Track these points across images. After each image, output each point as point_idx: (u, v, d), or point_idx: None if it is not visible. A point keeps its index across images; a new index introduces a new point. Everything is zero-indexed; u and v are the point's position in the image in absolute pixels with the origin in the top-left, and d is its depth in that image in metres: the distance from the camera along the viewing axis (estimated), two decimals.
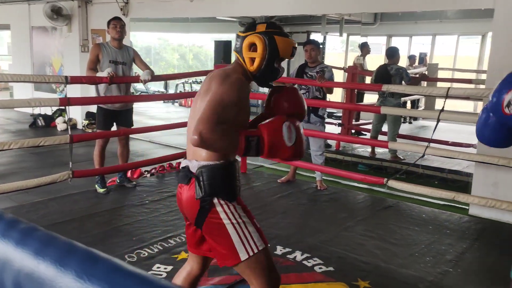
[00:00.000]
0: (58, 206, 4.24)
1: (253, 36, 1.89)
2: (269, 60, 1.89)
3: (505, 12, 4.18)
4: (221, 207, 1.86)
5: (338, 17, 7.74)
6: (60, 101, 4.34)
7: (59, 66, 8.99)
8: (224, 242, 1.86)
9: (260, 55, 1.87)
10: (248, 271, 1.88)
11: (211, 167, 1.85)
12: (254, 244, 1.87)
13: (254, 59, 1.89)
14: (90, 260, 0.81)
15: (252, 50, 1.90)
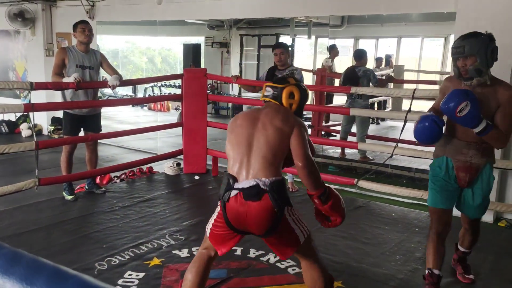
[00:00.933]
0: (24, 215, 4.12)
1: (291, 87, 2.49)
2: (302, 103, 2.54)
3: (466, 15, 4.31)
4: (288, 213, 2.32)
5: (306, 20, 7.83)
6: (24, 107, 4.22)
7: (23, 70, 8.74)
8: (290, 237, 2.33)
9: (298, 101, 2.51)
10: (305, 250, 2.45)
11: (279, 182, 2.29)
12: (307, 229, 2.42)
13: (292, 104, 2.49)
14: (59, 278, 0.78)
15: (291, 98, 2.48)
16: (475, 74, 2.55)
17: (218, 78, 8.29)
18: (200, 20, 9.29)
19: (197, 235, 3.75)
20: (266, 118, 2.39)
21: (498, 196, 4.39)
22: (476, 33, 2.66)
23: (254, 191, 2.23)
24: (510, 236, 4.11)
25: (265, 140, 2.32)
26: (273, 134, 2.33)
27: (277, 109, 2.45)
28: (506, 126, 2.59)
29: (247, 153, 2.32)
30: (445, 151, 2.78)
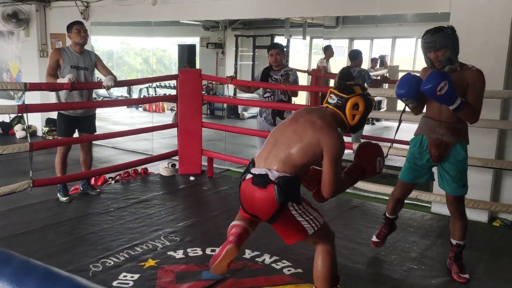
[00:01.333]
0: (18, 217, 4.09)
1: (357, 97, 2.47)
2: (365, 115, 2.51)
3: (460, 16, 4.33)
4: (292, 207, 2.38)
5: (301, 21, 7.83)
6: (18, 108, 4.19)
7: (17, 71, 8.70)
8: (295, 227, 2.44)
9: (361, 113, 2.49)
10: (315, 239, 2.55)
11: (288, 179, 2.32)
12: (317, 221, 2.48)
13: (355, 115, 2.48)
14: (49, 279, 0.77)
15: (355, 109, 2.47)
16: (447, 63, 2.94)
17: (213, 79, 8.28)
18: (195, 21, 9.28)
19: (192, 236, 3.74)
20: (310, 118, 2.41)
21: (492, 196, 4.42)
22: (442, 28, 3.01)
23: (262, 179, 2.33)
24: (505, 235, 4.13)
25: (293, 137, 2.37)
26: (306, 136, 2.35)
27: (327, 118, 2.42)
28: (476, 102, 2.96)
29: (274, 145, 2.41)
30: (421, 130, 3.18)
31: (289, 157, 2.33)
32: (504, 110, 4.30)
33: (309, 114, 2.46)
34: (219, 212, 4.40)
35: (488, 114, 4.18)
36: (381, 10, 5.19)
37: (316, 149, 2.33)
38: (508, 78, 4.23)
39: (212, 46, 10.28)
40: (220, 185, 5.37)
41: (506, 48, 4.14)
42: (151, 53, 11.08)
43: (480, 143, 4.31)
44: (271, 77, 4.97)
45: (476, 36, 4.22)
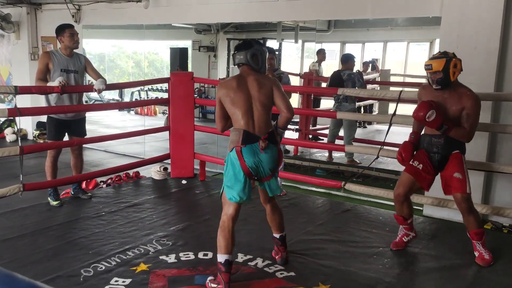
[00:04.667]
0: (8, 221, 4.05)
1: (455, 59, 3.28)
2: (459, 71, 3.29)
3: (451, 20, 4.36)
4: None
5: (293, 24, 7.85)
6: (8, 112, 4.15)
7: (7, 75, 8.62)
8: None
9: (459, 70, 3.29)
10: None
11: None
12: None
13: (455, 72, 3.27)
14: None
15: (454, 67, 3.24)
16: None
17: (205, 81, 8.27)
18: (187, 24, 9.26)
19: (184, 240, 3.72)
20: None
21: (483, 199, 4.44)
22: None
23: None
24: (496, 238, 4.15)
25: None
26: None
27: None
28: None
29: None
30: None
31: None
32: (495, 113, 4.33)
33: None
34: (212, 216, 4.38)
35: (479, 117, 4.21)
36: (372, 14, 5.21)
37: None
38: (498, 82, 4.27)
39: (204, 49, 10.28)
40: (213, 188, 5.35)
41: (496, 52, 4.18)
42: (143, 56, 11.06)
43: (471, 146, 4.34)
44: None
45: (467, 40, 4.26)
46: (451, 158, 3.43)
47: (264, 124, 2.98)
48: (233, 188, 2.95)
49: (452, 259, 3.55)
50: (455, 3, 4.33)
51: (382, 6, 5.00)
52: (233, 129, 3.02)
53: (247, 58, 3.04)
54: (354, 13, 5.33)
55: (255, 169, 2.93)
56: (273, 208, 3.30)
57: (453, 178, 3.39)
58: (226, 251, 2.90)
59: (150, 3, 6.59)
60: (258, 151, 2.92)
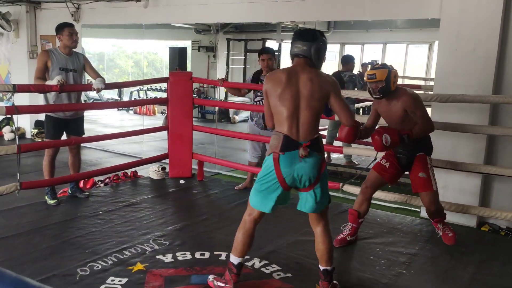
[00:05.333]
0: (4, 220, 4.04)
1: (394, 70, 3.52)
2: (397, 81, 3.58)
3: (450, 22, 4.37)
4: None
5: (292, 25, 7.85)
6: (6, 110, 4.14)
7: (6, 73, 8.61)
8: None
9: (397, 80, 3.59)
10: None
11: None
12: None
13: (395, 82, 3.52)
14: None
15: (394, 77, 3.52)
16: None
17: (204, 82, 8.26)
18: (187, 24, 9.26)
19: (181, 240, 3.72)
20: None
21: (481, 201, 4.44)
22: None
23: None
24: (493, 240, 4.15)
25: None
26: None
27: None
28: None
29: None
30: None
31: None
32: (493, 115, 4.33)
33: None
34: (209, 216, 4.38)
35: (477, 120, 4.22)
36: (371, 15, 5.21)
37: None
38: (497, 84, 4.27)
39: (203, 49, 10.28)
40: (210, 188, 5.35)
41: (495, 55, 4.18)
42: (142, 56, 11.05)
43: (469, 148, 4.35)
44: (261, 81, 4.96)
45: (466, 43, 4.26)
46: (416, 160, 3.60)
47: (310, 129, 2.66)
48: (261, 195, 2.72)
49: (449, 261, 3.56)
50: (454, 5, 4.33)
51: (381, 7, 5.00)
52: (274, 132, 2.72)
53: (311, 51, 2.69)
54: (354, 14, 5.33)
55: (291, 179, 2.66)
56: (321, 234, 2.86)
57: (418, 178, 3.57)
58: (241, 253, 2.79)
59: (149, 2, 6.59)
60: (297, 160, 2.63)
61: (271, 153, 2.69)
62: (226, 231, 3.93)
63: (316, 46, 2.70)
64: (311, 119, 2.66)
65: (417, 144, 3.58)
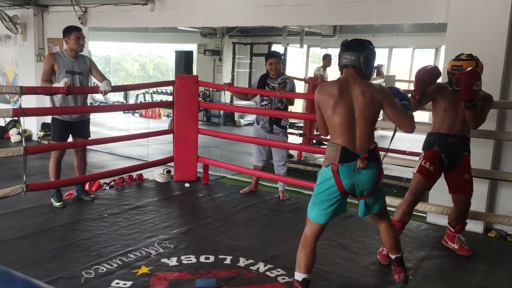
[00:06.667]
0: (10, 222, 4.05)
1: (481, 63, 3.42)
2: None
3: (457, 26, 4.35)
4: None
5: (298, 29, 7.85)
6: (13, 112, 4.16)
7: (13, 75, 8.67)
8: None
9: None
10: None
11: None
12: None
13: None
14: None
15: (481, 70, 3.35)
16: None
17: (209, 85, 8.28)
18: (193, 27, 9.29)
19: (186, 243, 3.71)
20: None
21: (488, 207, 4.41)
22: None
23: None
24: (500, 246, 4.12)
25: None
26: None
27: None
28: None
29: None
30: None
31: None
32: (500, 120, 4.30)
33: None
34: (214, 220, 4.37)
35: (484, 125, 4.18)
36: (377, 20, 5.21)
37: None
38: (504, 89, 4.25)
39: (209, 53, 10.29)
40: (215, 192, 5.34)
41: (502, 59, 4.16)
42: (148, 59, 11.08)
43: (476, 153, 4.31)
44: (268, 85, 4.96)
45: (473, 47, 4.23)
46: (462, 159, 3.50)
47: (366, 140, 2.69)
48: (320, 207, 2.73)
49: (456, 267, 3.53)
50: (461, 10, 4.32)
51: (387, 12, 4.99)
52: (330, 144, 2.73)
53: (360, 61, 2.70)
54: (360, 18, 5.33)
55: (351, 189, 2.69)
56: (386, 228, 3.00)
57: (463, 179, 3.49)
58: (306, 270, 2.75)
59: (156, 6, 6.62)
60: (356, 170, 2.65)
61: (328, 165, 2.69)
62: (231, 234, 3.92)
63: (364, 55, 2.72)
64: (366, 130, 2.69)
65: (465, 143, 3.50)
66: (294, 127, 7.78)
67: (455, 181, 3.51)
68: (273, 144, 5.00)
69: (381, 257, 3.48)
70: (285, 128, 5.08)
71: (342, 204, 2.75)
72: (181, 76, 6.23)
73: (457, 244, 3.72)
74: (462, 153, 3.50)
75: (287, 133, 5.18)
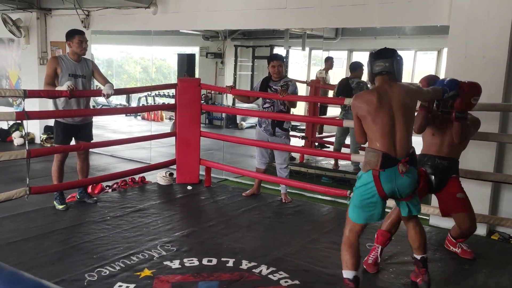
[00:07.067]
0: (13, 225, 4.06)
1: None
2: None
3: (459, 29, 4.35)
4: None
5: (300, 32, 7.86)
6: (16, 115, 4.17)
7: (16, 79, 8.70)
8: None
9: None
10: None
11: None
12: None
13: None
14: None
15: None
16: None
17: (212, 88, 8.29)
18: (195, 30, 9.31)
19: (189, 246, 3.71)
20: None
21: (491, 209, 4.40)
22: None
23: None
24: (503, 249, 4.11)
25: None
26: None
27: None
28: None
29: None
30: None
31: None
32: (503, 123, 4.30)
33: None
34: (216, 222, 4.37)
35: (487, 127, 4.19)
36: (380, 22, 5.21)
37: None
38: (507, 92, 4.24)
39: (211, 55, 10.31)
40: (218, 194, 5.34)
41: (505, 62, 4.16)
42: (151, 62, 11.12)
43: (479, 156, 4.31)
44: (270, 88, 4.97)
45: (475, 49, 4.24)
46: (450, 181, 3.50)
47: (406, 145, 2.77)
48: (361, 210, 2.81)
49: (458, 270, 3.52)
50: (463, 12, 4.32)
51: (389, 14, 5.00)
52: (370, 149, 2.80)
53: (393, 66, 2.82)
54: (362, 21, 5.33)
55: (391, 193, 2.76)
56: (415, 226, 3.03)
57: (456, 199, 3.47)
58: (354, 267, 2.80)
59: (158, 9, 6.64)
60: (397, 175, 2.71)
61: (369, 170, 2.75)
62: (233, 237, 3.92)
63: (396, 61, 2.84)
64: (406, 134, 2.77)
65: (453, 165, 3.52)
66: (296, 130, 7.79)
67: (448, 202, 3.52)
68: (276, 146, 5.00)
69: (367, 266, 3.41)
70: (288, 131, 5.08)
71: (382, 206, 2.82)
72: (183, 79, 6.26)
73: (459, 249, 3.71)
74: (450, 175, 3.51)
75: (290, 135, 5.18)
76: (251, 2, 5.98)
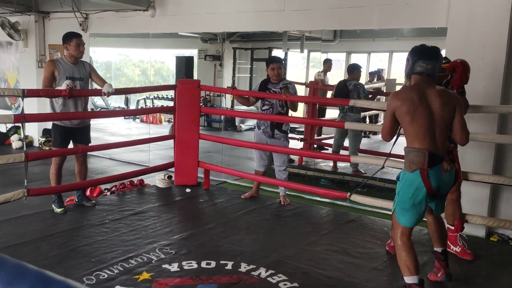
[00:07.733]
0: (11, 228, 4.05)
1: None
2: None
3: (457, 31, 4.36)
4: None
5: (299, 34, 7.87)
6: (14, 118, 4.17)
7: (14, 82, 8.69)
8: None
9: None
10: None
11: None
12: None
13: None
14: (43, 283, 0.75)
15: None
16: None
17: (212, 89, 8.29)
18: (193, 33, 9.32)
19: (187, 249, 3.70)
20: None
21: (490, 211, 4.40)
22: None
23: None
24: (502, 250, 4.10)
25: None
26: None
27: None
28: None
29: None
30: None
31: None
32: (502, 125, 4.30)
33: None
34: (215, 225, 4.37)
35: (485, 129, 4.19)
36: (378, 24, 5.22)
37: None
38: (505, 93, 4.25)
39: (210, 58, 10.31)
40: (216, 197, 5.34)
41: (503, 63, 4.16)
42: (149, 65, 11.12)
43: (478, 157, 4.31)
44: (269, 90, 4.97)
45: (473, 51, 4.24)
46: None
47: (446, 143, 2.82)
48: (409, 212, 2.82)
49: (460, 271, 3.51)
50: (462, 14, 4.33)
51: (387, 16, 5.00)
52: (412, 149, 2.79)
53: (435, 70, 2.84)
54: (360, 23, 5.34)
55: (437, 191, 2.80)
56: (438, 218, 3.12)
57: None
58: (417, 271, 2.82)
59: (156, 12, 6.64)
60: (441, 173, 2.76)
61: (415, 170, 2.76)
62: (232, 240, 3.92)
63: (439, 64, 2.87)
64: (445, 132, 2.81)
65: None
66: (295, 132, 7.79)
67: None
68: (274, 149, 5.00)
69: (390, 248, 3.65)
70: (286, 133, 5.08)
71: (426, 206, 2.87)
72: (183, 81, 6.24)
73: (459, 248, 3.71)
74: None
75: (288, 137, 5.18)
76: (250, 4, 5.98)
